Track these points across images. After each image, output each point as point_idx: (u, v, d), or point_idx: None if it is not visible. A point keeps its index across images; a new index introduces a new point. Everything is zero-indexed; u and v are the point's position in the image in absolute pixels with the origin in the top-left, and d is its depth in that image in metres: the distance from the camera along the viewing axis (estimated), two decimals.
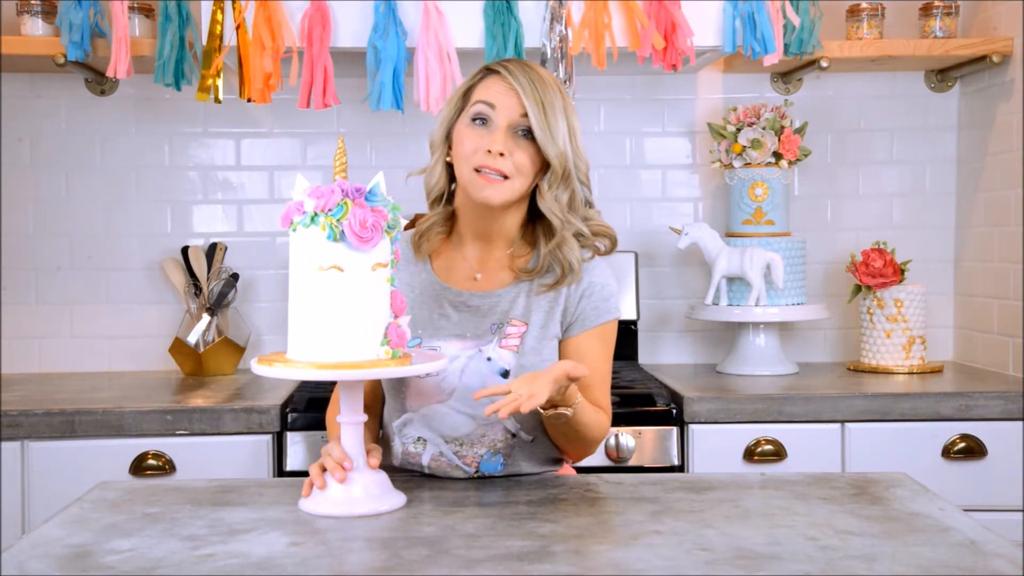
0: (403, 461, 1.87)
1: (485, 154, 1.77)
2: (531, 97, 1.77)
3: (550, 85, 1.80)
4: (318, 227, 1.54)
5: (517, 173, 1.78)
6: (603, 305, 1.86)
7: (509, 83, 1.78)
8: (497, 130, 1.78)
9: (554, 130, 1.78)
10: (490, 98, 1.79)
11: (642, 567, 1.35)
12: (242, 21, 2.63)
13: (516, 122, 1.78)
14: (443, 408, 1.83)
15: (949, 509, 1.61)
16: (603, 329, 1.87)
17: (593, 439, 1.83)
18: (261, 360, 1.61)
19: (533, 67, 1.83)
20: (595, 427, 1.80)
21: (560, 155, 1.79)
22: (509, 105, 1.78)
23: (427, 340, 1.83)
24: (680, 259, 3.16)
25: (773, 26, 2.69)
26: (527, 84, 1.78)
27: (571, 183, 1.82)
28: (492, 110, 1.78)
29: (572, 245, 1.84)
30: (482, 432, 1.83)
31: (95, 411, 2.44)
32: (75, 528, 1.53)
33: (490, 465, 1.84)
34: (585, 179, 1.87)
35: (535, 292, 1.85)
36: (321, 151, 3.12)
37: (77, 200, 3.09)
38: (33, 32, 2.78)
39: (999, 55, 2.84)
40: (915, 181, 3.19)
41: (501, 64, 1.82)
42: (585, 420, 1.76)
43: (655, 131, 3.17)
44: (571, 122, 1.82)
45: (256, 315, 3.12)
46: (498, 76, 1.81)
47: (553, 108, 1.78)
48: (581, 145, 1.85)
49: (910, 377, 2.84)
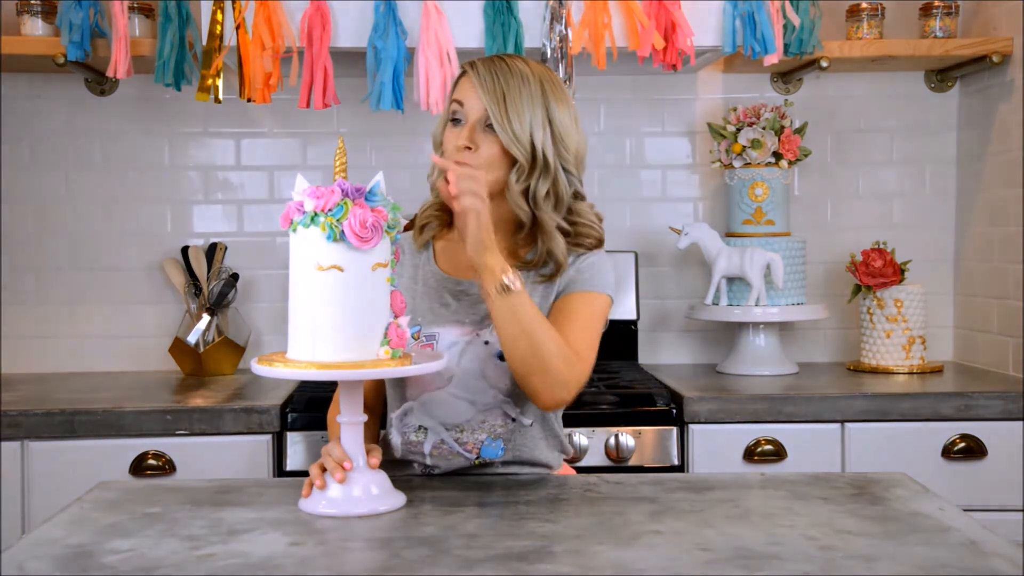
0: (404, 452, 1.87)
1: (456, 150, 1.80)
2: (489, 92, 1.79)
3: (520, 74, 1.80)
4: (318, 227, 1.54)
5: (486, 165, 1.79)
6: (593, 278, 1.84)
7: (473, 82, 1.81)
8: (465, 126, 1.81)
9: (515, 122, 1.78)
10: (460, 97, 1.83)
11: (642, 567, 1.35)
12: (242, 21, 2.63)
13: (483, 116, 1.80)
14: (442, 394, 1.84)
15: (949, 509, 1.60)
16: (588, 295, 1.83)
17: (548, 355, 1.68)
18: (261, 360, 1.61)
19: (506, 60, 1.83)
20: (552, 338, 1.69)
21: (524, 147, 1.78)
22: (473, 101, 1.81)
23: (426, 327, 1.85)
24: (680, 259, 3.16)
25: (773, 26, 2.69)
26: (488, 79, 1.79)
27: (550, 174, 1.81)
28: (461, 108, 1.82)
29: (557, 239, 1.83)
30: (482, 418, 1.84)
31: (95, 411, 2.44)
32: (75, 528, 1.53)
33: (491, 450, 1.85)
34: (573, 168, 1.85)
35: (533, 283, 1.85)
36: (321, 151, 3.12)
37: (77, 200, 3.09)
38: (33, 32, 2.78)
39: (999, 55, 2.84)
40: (915, 181, 3.19)
41: (470, 62, 1.85)
42: (536, 316, 1.68)
43: (655, 131, 3.17)
44: (550, 110, 1.81)
45: (256, 315, 3.12)
46: (467, 75, 1.84)
47: (517, 99, 1.78)
48: (572, 132, 1.84)
49: (910, 377, 2.84)
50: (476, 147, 1.80)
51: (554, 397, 1.73)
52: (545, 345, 1.68)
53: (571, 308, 1.82)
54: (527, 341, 1.68)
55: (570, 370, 1.71)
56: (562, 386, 1.72)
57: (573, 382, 1.73)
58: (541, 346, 1.68)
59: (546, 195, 1.82)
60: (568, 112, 1.84)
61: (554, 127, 1.81)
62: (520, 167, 1.80)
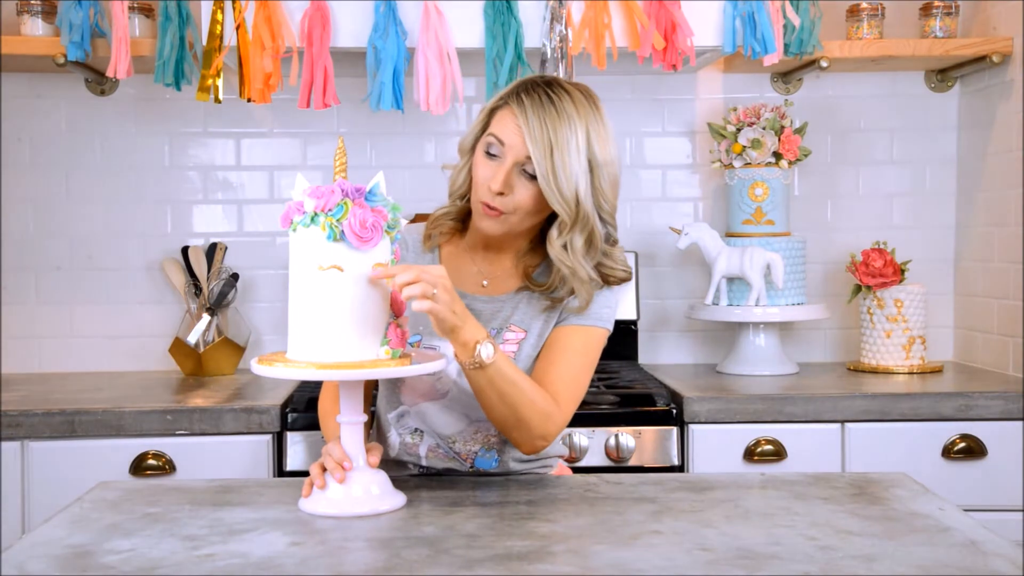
0: (400, 452, 1.87)
1: (487, 190, 1.74)
2: (538, 141, 1.70)
3: (569, 119, 1.71)
4: (318, 227, 1.54)
5: (516, 210, 1.74)
6: (597, 311, 1.82)
7: (518, 122, 1.72)
8: (503, 168, 1.73)
9: (561, 176, 1.70)
10: (500, 134, 1.74)
11: (642, 567, 1.35)
12: (242, 21, 2.63)
13: (522, 161, 1.73)
14: (436, 406, 1.83)
15: (949, 509, 1.60)
16: (589, 331, 1.81)
17: (525, 415, 1.69)
18: (261, 360, 1.61)
19: (556, 97, 1.73)
20: (528, 400, 1.68)
21: (568, 203, 1.71)
22: (516, 145, 1.73)
23: (427, 339, 1.83)
24: (680, 259, 3.16)
25: (773, 26, 2.69)
26: (537, 125, 1.70)
27: (589, 225, 1.75)
28: (502, 147, 1.74)
29: (587, 287, 1.78)
30: (475, 429, 1.83)
31: (95, 411, 2.44)
32: (75, 528, 1.53)
33: (485, 462, 1.85)
34: (610, 217, 1.78)
35: (540, 305, 1.83)
36: (321, 151, 3.12)
37: (77, 200, 3.09)
38: (33, 32, 2.78)
39: (999, 55, 2.84)
40: (915, 181, 3.19)
41: (519, 96, 1.74)
42: (511, 381, 1.66)
43: (655, 131, 3.17)
44: (595, 158, 1.73)
45: (256, 315, 3.12)
46: (510, 111, 1.74)
47: (565, 149, 1.70)
48: (611, 176, 1.76)
49: (910, 377, 2.84)
50: (511, 192, 1.74)
51: (532, 447, 1.77)
52: (522, 407, 1.69)
53: (567, 345, 1.79)
54: (504, 405, 1.69)
55: (547, 423, 1.73)
56: (540, 438, 1.74)
57: (551, 433, 1.75)
58: (518, 407, 1.69)
59: (583, 245, 1.76)
60: (609, 154, 1.75)
61: (595, 176, 1.74)
62: (562, 223, 1.75)
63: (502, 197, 1.74)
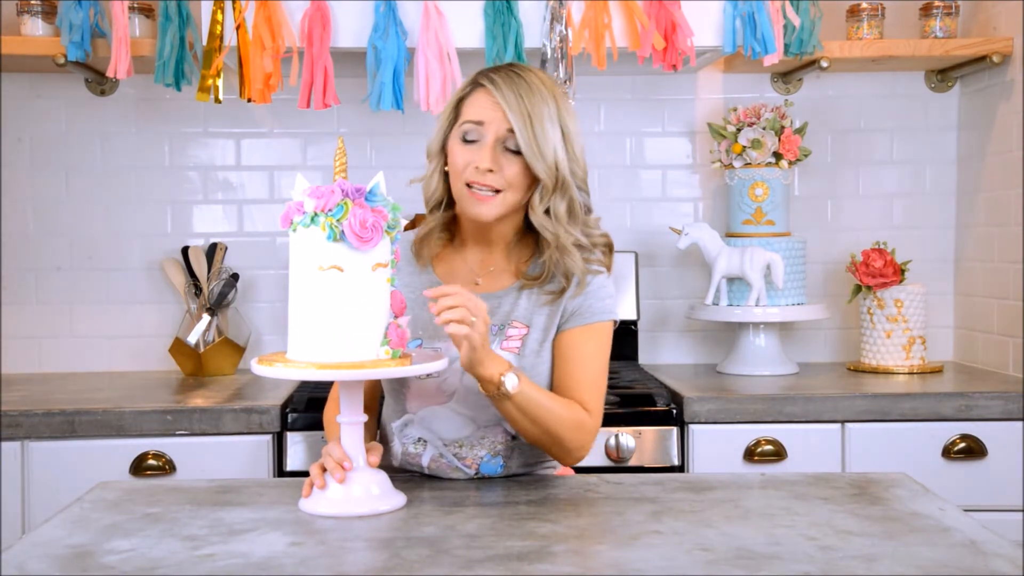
0: (403, 461, 1.87)
1: (475, 170, 1.77)
2: (516, 111, 1.75)
3: (539, 92, 1.77)
4: (318, 227, 1.54)
5: (509, 186, 1.78)
6: (599, 304, 1.85)
7: (495, 98, 1.77)
8: (485, 146, 1.77)
9: (542, 143, 1.76)
10: (477, 116, 1.78)
11: (642, 567, 1.35)
12: (242, 21, 2.63)
13: (503, 136, 1.77)
14: (443, 410, 1.83)
15: (949, 509, 1.61)
16: (596, 328, 1.85)
17: (558, 433, 1.75)
18: (261, 360, 1.61)
19: (522, 74, 1.79)
20: (557, 419, 1.74)
21: (549, 168, 1.77)
22: (496, 120, 1.77)
23: (428, 341, 1.83)
24: (680, 259, 3.16)
25: (773, 26, 2.69)
26: (513, 98, 1.76)
27: (568, 191, 1.80)
28: (480, 127, 1.78)
29: (575, 256, 1.82)
30: (482, 434, 1.83)
31: (95, 411, 2.44)
32: (75, 528, 1.53)
33: (490, 467, 1.84)
34: (583, 184, 1.84)
35: (539, 299, 1.84)
36: (321, 151, 3.12)
37: (77, 200, 3.09)
38: (33, 32, 2.78)
39: (999, 55, 2.84)
40: (915, 181, 3.19)
41: (487, 76, 1.80)
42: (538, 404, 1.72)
43: (655, 131, 3.17)
44: (567, 127, 1.79)
45: (256, 315, 3.12)
46: (484, 90, 1.79)
47: (541, 118, 1.76)
48: (580, 148, 1.83)
49: (910, 377, 2.84)
50: (500, 169, 1.77)
51: (572, 459, 1.83)
52: (554, 426, 1.75)
53: (581, 351, 1.83)
54: (537, 428, 1.75)
55: (581, 434, 1.79)
56: (578, 449, 1.81)
57: (588, 441, 1.82)
58: (551, 427, 1.75)
59: (565, 212, 1.81)
60: (576, 126, 1.83)
61: (568, 144, 1.80)
62: (544, 188, 1.79)
63: (492, 175, 1.77)
